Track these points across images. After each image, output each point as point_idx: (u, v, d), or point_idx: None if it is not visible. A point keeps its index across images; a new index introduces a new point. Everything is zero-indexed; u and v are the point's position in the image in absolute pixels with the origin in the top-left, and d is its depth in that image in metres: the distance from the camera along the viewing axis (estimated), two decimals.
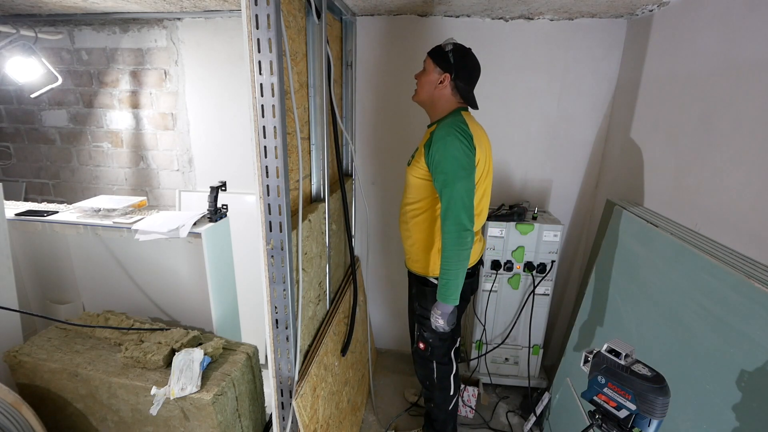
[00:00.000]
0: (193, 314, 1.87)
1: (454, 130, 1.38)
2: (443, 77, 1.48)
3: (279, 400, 1.36)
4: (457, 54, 1.47)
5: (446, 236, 1.40)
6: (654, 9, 1.77)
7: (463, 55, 1.48)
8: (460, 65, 1.47)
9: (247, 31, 1.00)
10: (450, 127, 1.40)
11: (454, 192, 1.36)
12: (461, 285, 1.45)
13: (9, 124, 2.69)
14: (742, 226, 1.24)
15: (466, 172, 1.37)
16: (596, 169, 2.24)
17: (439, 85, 1.49)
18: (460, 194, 1.36)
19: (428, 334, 1.66)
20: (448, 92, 1.50)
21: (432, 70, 1.50)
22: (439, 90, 1.50)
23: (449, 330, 1.52)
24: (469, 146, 1.38)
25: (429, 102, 1.55)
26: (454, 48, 1.47)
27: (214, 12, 2.14)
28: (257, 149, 1.09)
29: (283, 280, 1.20)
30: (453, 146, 1.37)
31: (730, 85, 1.33)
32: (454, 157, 1.37)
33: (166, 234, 1.64)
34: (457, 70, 1.46)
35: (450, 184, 1.37)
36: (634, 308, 1.52)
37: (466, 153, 1.37)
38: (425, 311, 1.64)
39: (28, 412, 1.36)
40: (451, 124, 1.41)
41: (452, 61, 1.46)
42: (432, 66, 1.50)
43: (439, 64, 1.48)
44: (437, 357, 1.71)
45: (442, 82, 1.49)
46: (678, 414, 1.19)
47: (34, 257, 1.96)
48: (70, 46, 2.42)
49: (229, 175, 2.07)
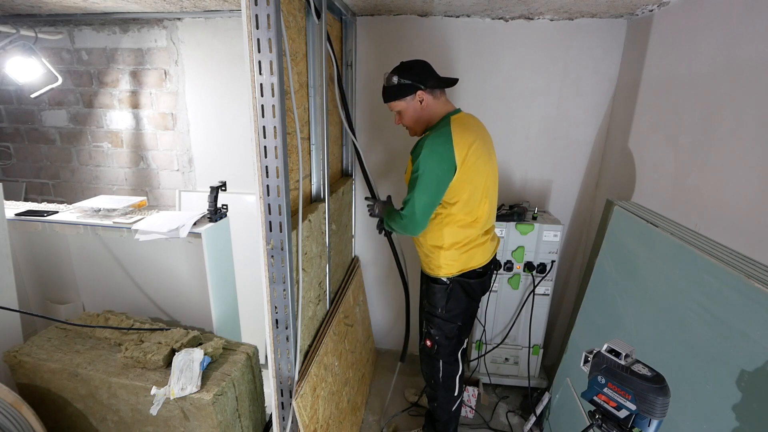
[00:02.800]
0: (193, 314, 1.87)
1: (433, 146, 1.44)
2: (418, 97, 1.52)
3: (279, 400, 1.36)
4: (405, 74, 1.51)
5: (398, 220, 1.54)
6: (654, 9, 1.77)
7: (409, 68, 1.53)
8: (416, 77, 1.51)
9: (247, 31, 1.00)
10: (430, 142, 1.44)
11: (416, 204, 1.46)
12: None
13: (9, 124, 2.69)
14: (742, 226, 1.24)
15: (433, 187, 1.45)
16: (596, 169, 2.24)
17: (421, 104, 1.53)
18: (419, 207, 1.46)
19: (435, 331, 1.68)
20: (431, 101, 1.54)
21: (406, 105, 1.55)
22: (425, 109, 1.55)
23: (374, 214, 1.68)
24: (445, 161, 1.43)
25: (426, 123, 1.59)
26: (398, 72, 1.52)
27: (214, 12, 2.14)
28: (257, 149, 1.09)
29: (283, 280, 1.20)
30: (427, 162, 1.43)
31: (730, 85, 1.33)
32: (427, 171, 1.43)
33: (166, 234, 1.64)
34: (420, 81, 1.51)
35: (414, 195, 1.45)
36: (634, 308, 1.52)
37: (440, 169, 1.43)
38: (433, 308, 1.66)
39: (28, 412, 1.36)
40: (433, 138, 1.45)
41: (410, 80, 1.50)
42: (402, 102, 1.54)
43: (405, 95, 1.52)
44: (443, 356, 1.72)
45: (422, 100, 1.53)
46: (678, 414, 1.19)
47: (34, 257, 1.96)
48: (70, 46, 2.42)
49: (229, 175, 2.07)
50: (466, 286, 1.62)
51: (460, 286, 1.61)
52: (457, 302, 1.63)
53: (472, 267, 1.60)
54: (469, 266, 1.60)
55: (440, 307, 1.64)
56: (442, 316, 1.64)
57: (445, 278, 1.61)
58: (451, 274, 1.60)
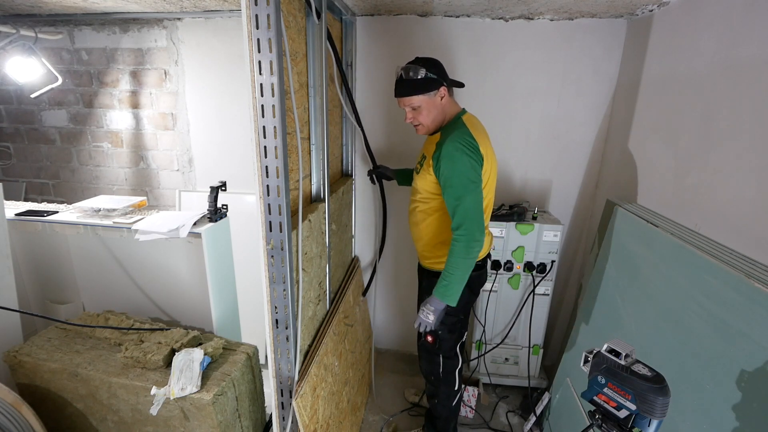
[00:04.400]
0: (193, 314, 1.87)
1: (461, 145, 1.41)
2: (440, 92, 1.50)
3: (279, 400, 1.36)
4: (432, 68, 1.48)
5: (457, 244, 1.43)
6: (654, 9, 1.77)
7: (434, 63, 1.51)
8: (441, 72, 1.50)
9: (247, 31, 1.00)
10: (457, 142, 1.42)
11: (467, 207, 1.41)
12: (460, 291, 1.49)
13: (9, 124, 2.69)
14: (742, 226, 1.24)
15: (474, 185, 1.42)
16: (596, 169, 2.24)
17: (441, 101, 1.52)
18: (472, 208, 1.41)
19: (438, 326, 1.67)
20: (447, 99, 1.53)
21: (428, 100, 1.50)
22: (444, 105, 1.53)
23: (432, 328, 1.54)
24: (476, 159, 1.42)
25: (441, 121, 1.56)
26: (425, 65, 1.48)
27: (214, 12, 2.14)
28: (257, 149, 1.09)
29: (283, 280, 1.20)
30: (461, 162, 1.40)
31: (730, 85, 1.33)
32: (462, 173, 1.41)
33: (166, 234, 1.64)
34: (442, 77, 1.50)
35: (461, 199, 1.41)
36: (634, 308, 1.52)
37: (474, 167, 1.42)
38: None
39: (28, 412, 1.36)
40: (457, 138, 1.43)
41: (435, 75, 1.48)
42: (425, 97, 1.50)
43: (429, 90, 1.49)
44: (444, 351, 1.72)
45: (443, 96, 1.51)
46: (678, 414, 1.19)
47: (34, 257, 1.96)
48: (70, 46, 2.42)
49: (229, 175, 2.07)
50: (468, 279, 1.62)
51: None
52: (460, 295, 1.63)
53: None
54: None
55: None
56: (445, 309, 1.64)
57: None
58: None
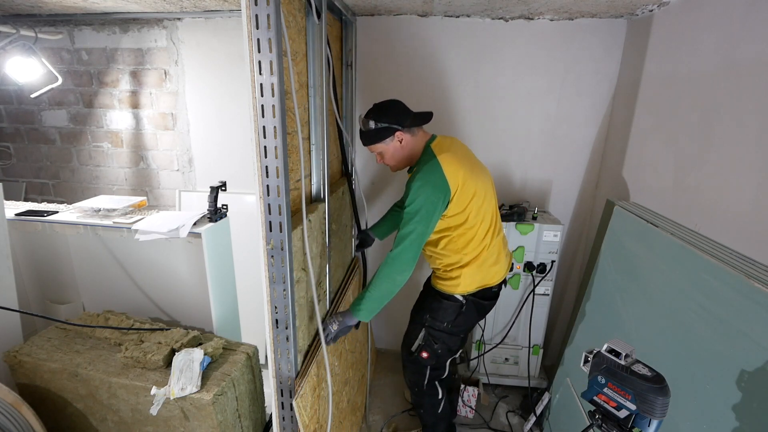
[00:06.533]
0: (193, 314, 1.87)
1: (428, 182, 1.43)
2: (397, 138, 1.52)
3: (279, 400, 1.36)
4: (381, 117, 1.51)
5: (386, 267, 1.46)
6: (654, 9, 1.77)
7: (384, 110, 1.52)
8: (393, 119, 1.51)
9: (247, 31, 1.00)
10: (425, 178, 1.43)
11: (412, 239, 1.42)
12: (374, 310, 1.51)
13: (9, 124, 2.69)
14: (742, 226, 1.24)
15: (425, 220, 1.42)
16: (596, 169, 2.24)
17: (401, 144, 1.54)
18: (415, 240, 1.42)
19: (438, 345, 1.66)
20: (410, 139, 1.55)
21: (386, 146, 1.54)
22: (405, 147, 1.55)
23: (332, 340, 1.52)
24: (437, 197, 1.42)
25: (409, 160, 1.59)
26: (374, 116, 1.51)
27: (214, 12, 2.14)
28: (257, 149, 1.09)
29: (283, 280, 1.20)
30: (424, 194, 1.42)
31: (730, 85, 1.33)
32: (421, 205, 1.42)
33: (166, 234, 1.64)
34: (396, 122, 1.50)
35: (410, 225, 1.42)
36: (634, 308, 1.52)
37: (433, 202, 1.42)
38: (438, 323, 1.64)
39: (28, 412, 1.36)
40: (426, 173, 1.44)
41: (386, 123, 1.50)
42: (382, 145, 1.54)
43: (383, 138, 1.52)
44: (435, 364, 1.72)
45: (401, 140, 1.53)
46: (678, 414, 1.19)
47: (34, 257, 1.96)
48: (70, 46, 2.42)
49: (229, 175, 2.07)
50: (479, 306, 1.62)
51: (473, 305, 1.61)
52: (466, 319, 1.63)
53: (489, 284, 1.60)
54: (487, 282, 1.59)
55: (447, 322, 1.63)
56: (447, 330, 1.64)
57: (459, 296, 1.60)
58: (468, 292, 1.59)
